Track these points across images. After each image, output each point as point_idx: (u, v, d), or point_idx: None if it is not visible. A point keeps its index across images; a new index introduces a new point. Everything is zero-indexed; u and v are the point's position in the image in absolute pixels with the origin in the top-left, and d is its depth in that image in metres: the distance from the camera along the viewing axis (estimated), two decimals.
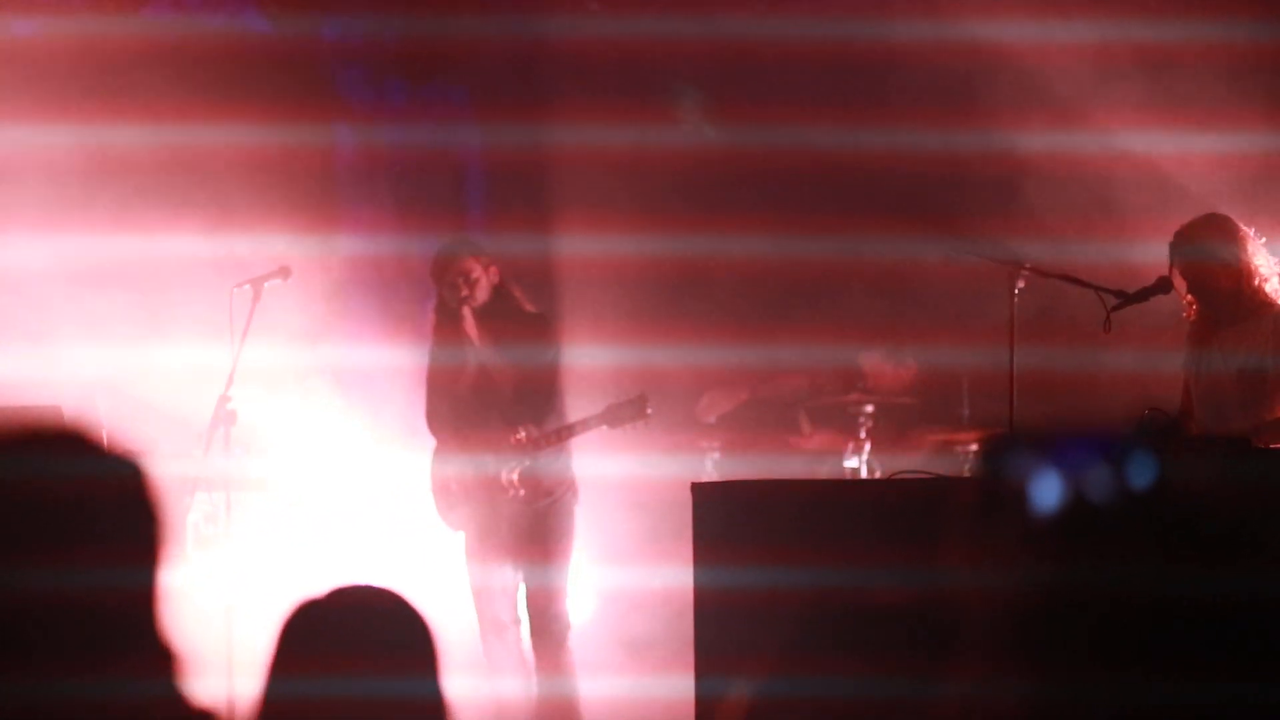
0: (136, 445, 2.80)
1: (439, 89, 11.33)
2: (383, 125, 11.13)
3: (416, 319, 10.55)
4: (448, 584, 8.89)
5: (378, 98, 11.30)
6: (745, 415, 10.65)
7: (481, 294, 8.21)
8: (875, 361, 10.39)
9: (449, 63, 11.19)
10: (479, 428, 8.23)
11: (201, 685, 2.76)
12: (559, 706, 8.22)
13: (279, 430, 9.55)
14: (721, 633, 6.11)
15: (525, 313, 8.31)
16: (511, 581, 8.32)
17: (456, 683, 3.10)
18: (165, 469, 8.17)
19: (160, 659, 2.68)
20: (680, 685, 6.58)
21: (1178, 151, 9.67)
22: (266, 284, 8.27)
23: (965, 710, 2.71)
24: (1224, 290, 6.99)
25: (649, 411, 8.14)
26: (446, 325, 8.33)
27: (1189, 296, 7.07)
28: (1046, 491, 2.87)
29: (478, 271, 8.21)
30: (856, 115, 10.31)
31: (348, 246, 10.70)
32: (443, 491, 8.36)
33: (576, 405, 8.57)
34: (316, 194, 10.56)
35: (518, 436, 8.11)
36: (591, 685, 8.46)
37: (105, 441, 2.72)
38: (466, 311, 8.20)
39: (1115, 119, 9.83)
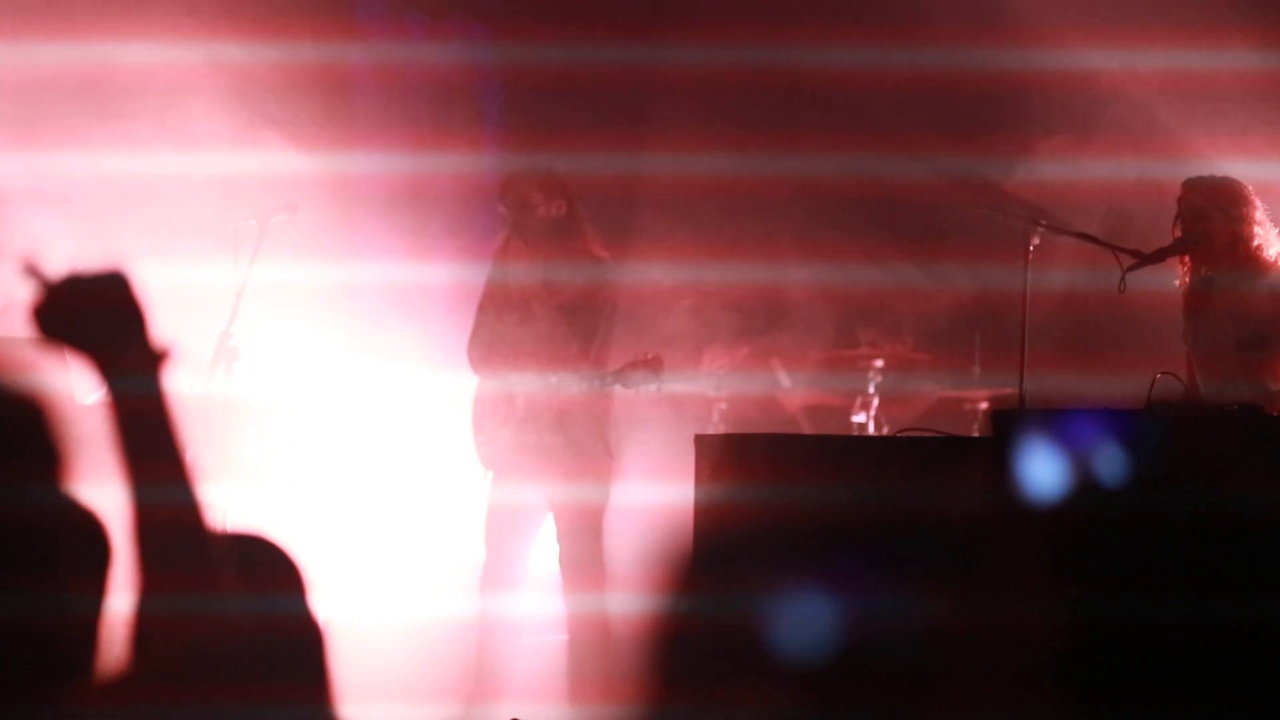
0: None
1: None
2: (401, 43, 10.96)
3: (431, 238, 10.43)
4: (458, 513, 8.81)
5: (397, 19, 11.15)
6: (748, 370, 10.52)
7: (536, 222, 7.96)
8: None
9: None
10: (513, 351, 7.97)
11: None
12: (592, 623, 7.92)
13: (286, 359, 9.42)
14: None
15: (582, 249, 8.00)
16: (537, 516, 8.03)
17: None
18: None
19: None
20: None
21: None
22: (273, 219, 8.18)
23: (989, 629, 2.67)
24: (1220, 243, 6.89)
25: (660, 380, 7.79)
26: (498, 249, 8.15)
27: (1185, 260, 6.97)
28: (1054, 475, 2.81)
29: (536, 198, 7.96)
30: (874, 32, 10.20)
31: (363, 166, 10.51)
32: (479, 425, 8.11)
33: None
34: (332, 113, 10.41)
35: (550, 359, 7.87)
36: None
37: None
38: (510, 235, 8.02)
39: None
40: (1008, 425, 6.19)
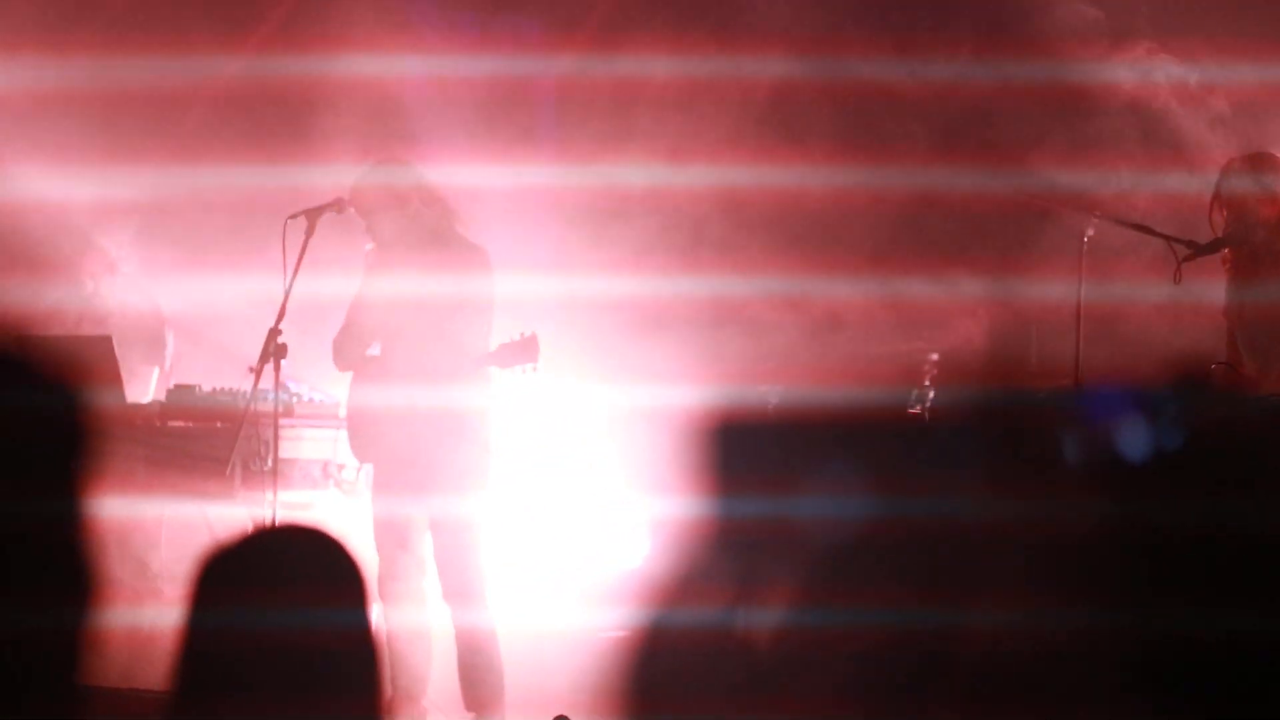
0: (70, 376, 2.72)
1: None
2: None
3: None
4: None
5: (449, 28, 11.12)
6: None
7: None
8: None
9: None
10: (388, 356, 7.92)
11: None
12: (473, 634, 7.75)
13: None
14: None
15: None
16: (418, 519, 7.79)
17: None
18: (216, 404, 8.00)
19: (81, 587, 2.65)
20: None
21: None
22: (321, 216, 8.11)
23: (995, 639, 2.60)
24: (1267, 221, 6.85)
25: (538, 360, 7.61)
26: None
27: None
28: (1076, 444, 2.76)
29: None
30: (917, 46, 10.13)
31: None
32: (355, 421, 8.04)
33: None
34: (387, 124, 10.40)
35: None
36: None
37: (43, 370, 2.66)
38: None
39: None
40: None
